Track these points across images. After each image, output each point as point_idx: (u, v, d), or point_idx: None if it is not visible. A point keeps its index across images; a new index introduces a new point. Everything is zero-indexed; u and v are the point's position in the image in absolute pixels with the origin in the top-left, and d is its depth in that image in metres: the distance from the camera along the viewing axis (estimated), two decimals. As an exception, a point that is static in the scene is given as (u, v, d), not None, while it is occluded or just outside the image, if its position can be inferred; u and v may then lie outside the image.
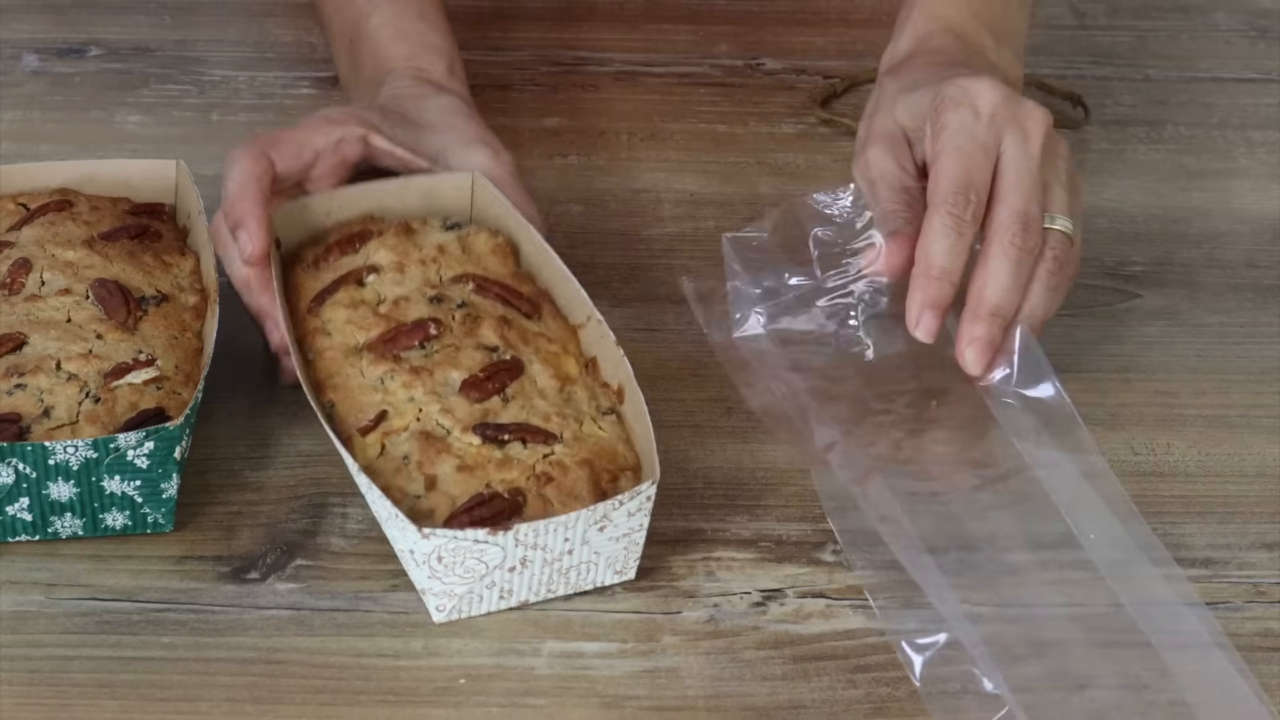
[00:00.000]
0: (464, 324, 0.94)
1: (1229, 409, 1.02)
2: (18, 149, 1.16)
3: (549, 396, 0.91)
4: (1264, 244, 1.14)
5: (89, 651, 0.86)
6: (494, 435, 0.89)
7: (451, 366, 0.91)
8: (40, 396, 0.90)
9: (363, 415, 0.90)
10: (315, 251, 1.00)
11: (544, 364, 0.92)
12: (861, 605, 0.89)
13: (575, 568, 0.87)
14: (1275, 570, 0.92)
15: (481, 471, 0.88)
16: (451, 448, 0.88)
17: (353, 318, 0.94)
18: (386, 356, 0.92)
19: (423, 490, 0.87)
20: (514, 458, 0.88)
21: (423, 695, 0.85)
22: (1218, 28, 1.34)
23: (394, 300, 0.95)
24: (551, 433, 0.89)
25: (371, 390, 0.91)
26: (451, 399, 0.90)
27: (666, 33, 1.31)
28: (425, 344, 0.93)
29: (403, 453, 0.89)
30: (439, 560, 0.85)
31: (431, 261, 0.97)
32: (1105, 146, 1.21)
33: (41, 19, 1.29)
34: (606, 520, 0.86)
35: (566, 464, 0.88)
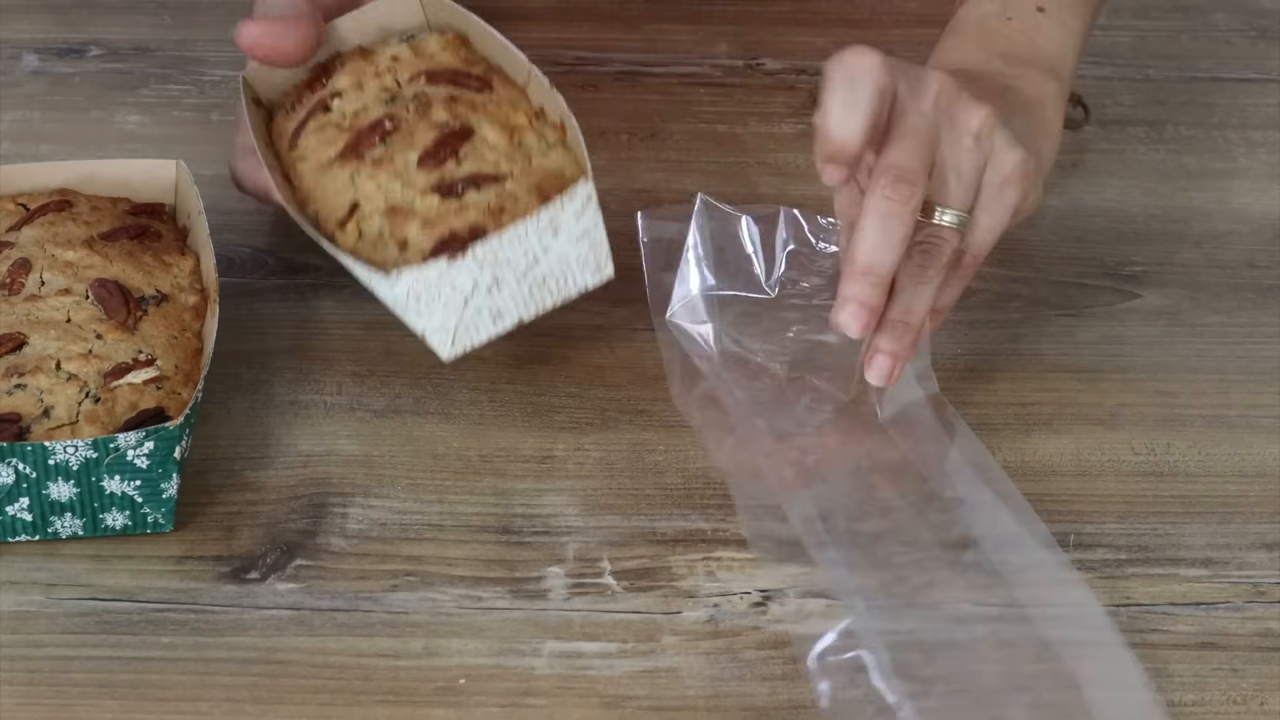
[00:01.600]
0: (417, 112, 0.98)
1: (1229, 409, 1.02)
2: (18, 149, 1.16)
3: (499, 149, 0.97)
4: (1264, 244, 1.14)
5: (89, 651, 0.86)
6: (449, 189, 0.94)
7: (408, 148, 0.96)
8: (40, 396, 0.90)
9: (338, 212, 0.96)
10: (290, 97, 1.04)
11: (492, 123, 0.98)
12: (861, 605, 0.89)
13: (550, 276, 0.93)
14: (1275, 570, 0.92)
15: (443, 221, 0.94)
16: (415, 211, 0.94)
17: (322, 139, 0.99)
18: (352, 158, 0.97)
19: (397, 255, 0.93)
20: (470, 203, 0.94)
21: (423, 695, 0.85)
22: (1218, 28, 1.34)
23: (354, 113, 1.00)
24: (501, 174, 0.95)
25: (344, 191, 0.96)
26: (412, 174, 0.96)
27: (666, 33, 1.31)
28: (385, 140, 0.97)
29: (376, 230, 0.95)
30: (418, 299, 0.91)
31: (387, 71, 1.02)
32: (1105, 146, 1.21)
33: (41, 19, 1.29)
34: (556, 224, 0.92)
35: (518, 193, 0.95)
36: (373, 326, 1.04)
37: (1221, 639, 0.89)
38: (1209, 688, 0.87)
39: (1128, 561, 0.93)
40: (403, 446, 0.97)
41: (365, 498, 0.94)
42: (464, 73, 1.01)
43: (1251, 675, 0.87)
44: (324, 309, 1.06)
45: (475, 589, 0.90)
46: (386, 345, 1.03)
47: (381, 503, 0.94)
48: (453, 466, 0.96)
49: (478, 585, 0.90)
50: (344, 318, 1.05)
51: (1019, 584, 0.89)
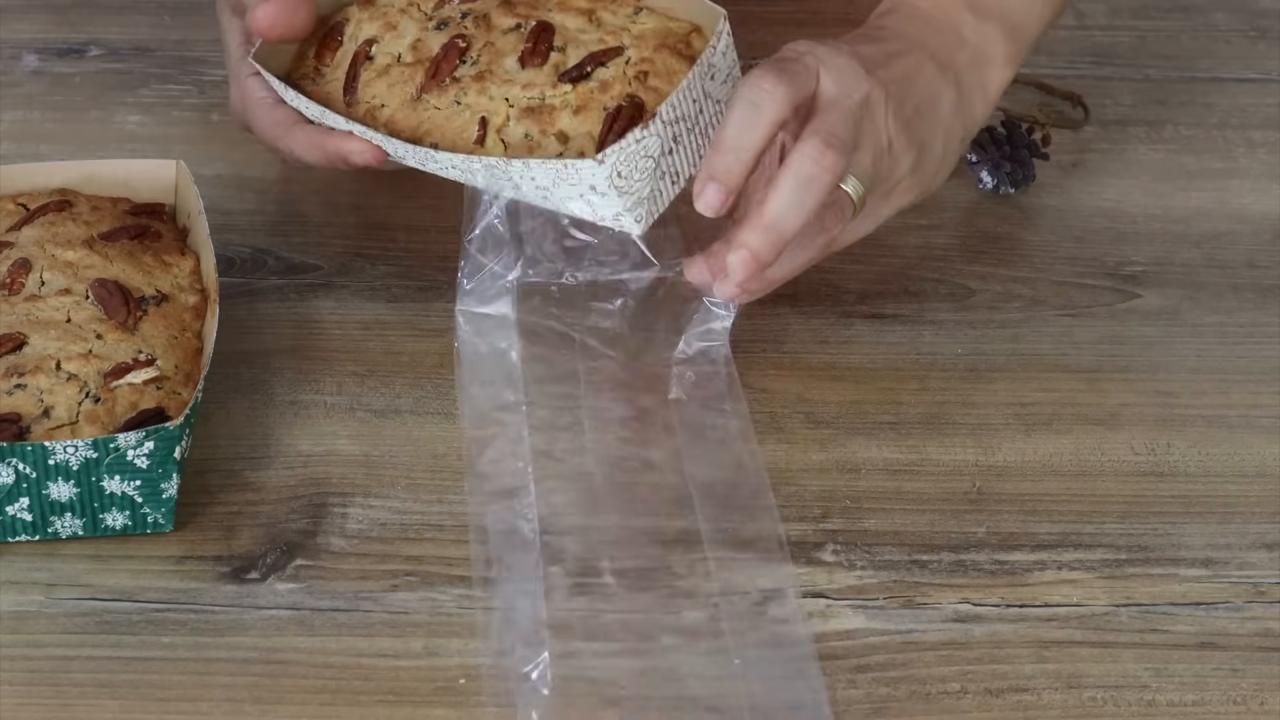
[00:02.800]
0: (479, 25, 0.98)
1: (1229, 409, 1.02)
2: (18, 149, 1.16)
3: (588, 31, 0.97)
4: (1264, 244, 1.14)
5: (89, 651, 0.86)
6: (578, 75, 0.95)
7: (501, 57, 0.96)
8: (40, 396, 0.90)
9: (467, 134, 0.95)
10: (306, 64, 1.02)
11: (563, 10, 0.98)
12: (861, 605, 0.89)
13: (710, 124, 0.95)
14: (1275, 570, 0.92)
15: (593, 103, 0.94)
16: (555, 104, 0.95)
17: (391, 79, 0.98)
18: (443, 83, 0.97)
19: (559, 147, 0.94)
20: (607, 79, 0.95)
21: (423, 695, 0.85)
22: (1218, 28, 1.34)
23: (410, 46, 0.99)
24: (615, 46, 0.96)
25: (457, 114, 0.96)
26: (522, 76, 0.96)
27: (666, 33, 1.31)
28: (464, 58, 0.97)
29: (521, 135, 0.95)
30: (619, 176, 0.91)
31: (410, 6, 1.01)
32: (1105, 146, 1.21)
33: (41, 19, 1.29)
34: (711, 66, 0.93)
35: (649, 56, 0.95)
36: (372, 326, 1.04)
37: (1221, 639, 0.89)
38: (1209, 688, 0.87)
39: (1128, 561, 0.93)
40: (403, 446, 0.97)
41: (365, 498, 0.94)
42: None
43: (1251, 675, 0.87)
44: (324, 309, 1.06)
45: (475, 589, 0.90)
46: (386, 345, 1.03)
47: (381, 503, 0.94)
48: (453, 466, 0.96)
49: (478, 585, 0.90)
50: (344, 318, 1.05)
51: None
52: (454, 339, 1.01)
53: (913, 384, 1.02)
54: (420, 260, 1.09)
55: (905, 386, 1.02)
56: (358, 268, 1.08)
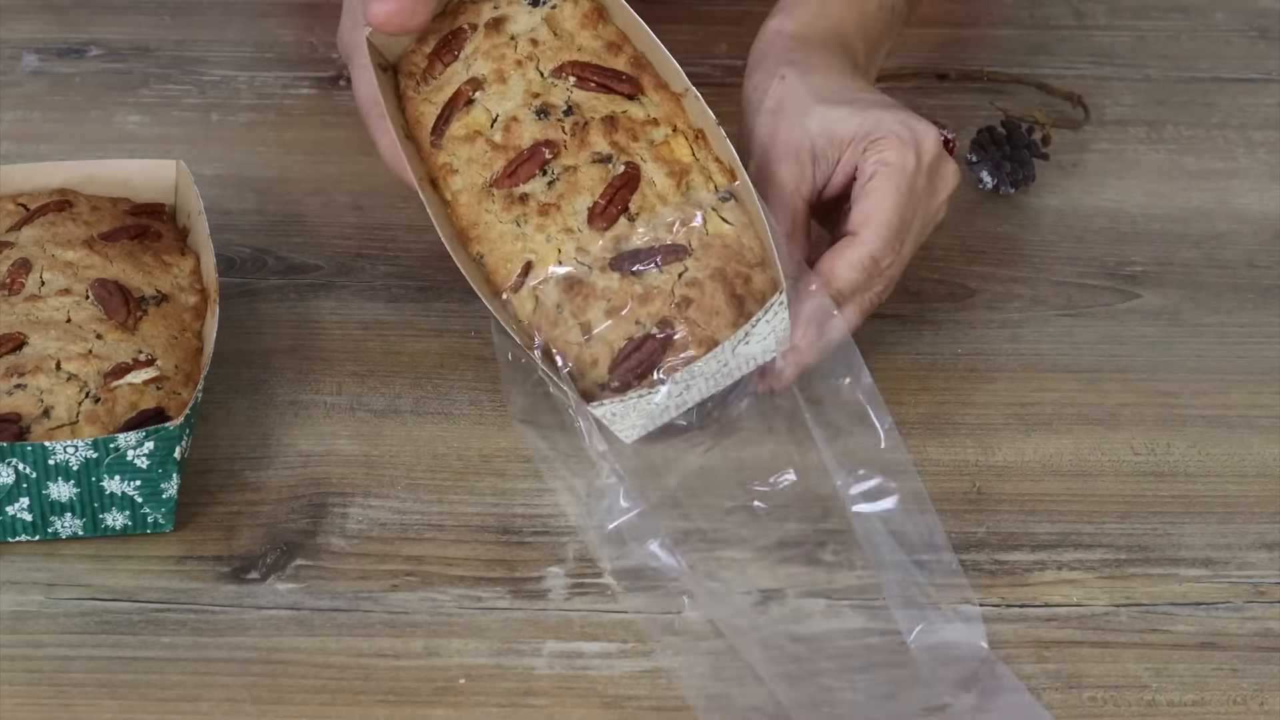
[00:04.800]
0: (575, 135, 0.96)
1: (1229, 409, 1.02)
2: (18, 149, 1.16)
3: (669, 198, 0.95)
4: (1264, 244, 1.14)
5: (89, 651, 0.86)
6: (629, 268, 0.94)
7: (574, 194, 0.95)
8: (40, 396, 0.90)
9: (510, 268, 0.95)
10: (418, 64, 1.01)
11: (657, 162, 0.96)
12: (861, 605, 0.89)
13: (736, 370, 0.94)
14: (1275, 570, 0.92)
15: (628, 312, 0.93)
16: (595, 289, 0.94)
17: (474, 155, 0.97)
18: (515, 198, 0.96)
19: (580, 338, 0.93)
20: (653, 287, 0.93)
21: (423, 695, 0.85)
22: (1218, 28, 1.34)
23: (505, 124, 0.97)
24: (681, 246, 0.94)
25: (512, 239, 0.95)
26: (583, 234, 0.95)
27: (667, 33, 1.30)
28: (545, 168, 0.96)
29: (554, 301, 0.94)
30: (614, 417, 0.93)
31: (528, 60, 0.99)
32: (1105, 146, 1.21)
33: (41, 19, 1.29)
34: (749, 336, 0.93)
35: (701, 280, 0.93)
36: (372, 326, 1.04)
37: (1221, 639, 0.89)
38: (1209, 688, 0.87)
39: (1128, 561, 0.93)
40: (403, 446, 0.97)
41: (365, 498, 0.94)
42: (613, 73, 0.98)
43: (1251, 675, 0.87)
44: (324, 309, 1.06)
45: (475, 589, 0.90)
46: (386, 345, 1.03)
47: (381, 503, 0.94)
48: (453, 466, 0.96)
49: (478, 585, 0.90)
50: (344, 318, 1.05)
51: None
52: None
53: (913, 384, 1.02)
54: (420, 260, 1.09)
55: (905, 386, 1.02)
56: (358, 268, 1.08)
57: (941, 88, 1.25)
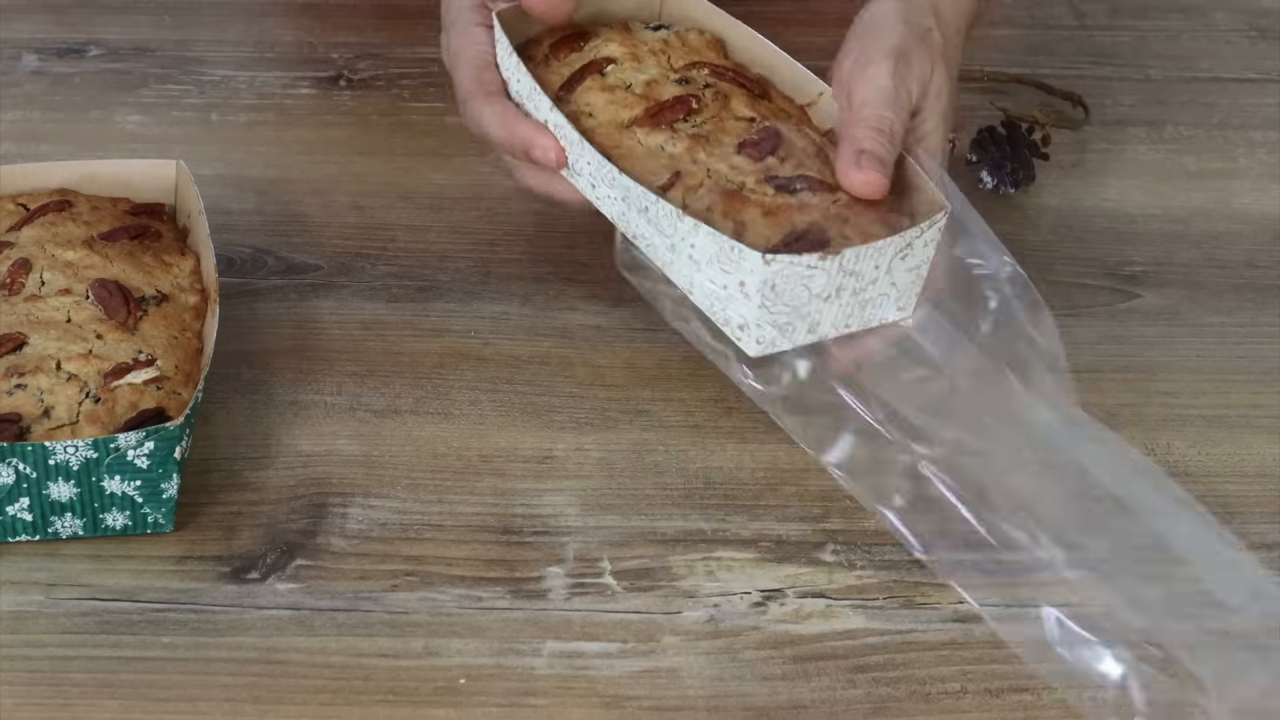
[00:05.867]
0: (716, 100, 0.98)
1: (1229, 409, 1.02)
2: (18, 149, 1.16)
3: (812, 156, 0.96)
4: (1264, 244, 1.14)
5: (89, 651, 0.86)
6: (786, 185, 0.94)
7: (722, 133, 0.96)
8: (40, 396, 0.90)
9: (655, 178, 0.94)
10: (541, 50, 1.02)
11: (795, 131, 0.97)
12: (861, 605, 0.90)
13: (873, 300, 0.92)
14: (1276, 570, 0.92)
15: (784, 215, 0.92)
16: (750, 198, 0.93)
17: (613, 99, 0.98)
18: (661, 126, 0.96)
19: (733, 236, 0.91)
20: (808, 203, 0.93)
21: (423, 695, 0.85)
22: (1218, 28, 1.34)
23: (645, 82, 0.99)
24: (831, 183, 0.94)
25: (656, 156, 0.95)
26: (734, 159, 0.95)
27: (666, 33, 1.31)
28: (689, 117, 0.97)
29: (705, 205, 0.93)
30: (772, 289, 0.89)
31: (660, 53, 1.01)
32: (1105, 146, 1.21)
33: (41, 19, 1.29)
34: (909, 249, 0.91)
35: (855, 205, 0.93)
36: (372, 326, 1.04)
37: (1221, 639, 0.89)
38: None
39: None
40: (403, 446, 0.97)
41: (365, 498, 0.94)
42: (745, 74, 1.01)
43: (1251, 675, 0.87)
44: (324, 309, 1.06)
45: (475, 589, 0.90)
46: (386, 345, 1.03)
47: (381, 503, 0.94)
48: (453, 466, 0.96)
49: (478, 585, 0.90)
50: (344, 318, 1.05)
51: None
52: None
53: (913, 384, 1.02)
54: (420, 260, 1.09)
55: (905, 386, 1.02)
56: (358, 268, 1.08)
57: (941, 88, 1.25)
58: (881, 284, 0.91)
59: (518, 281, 1.08)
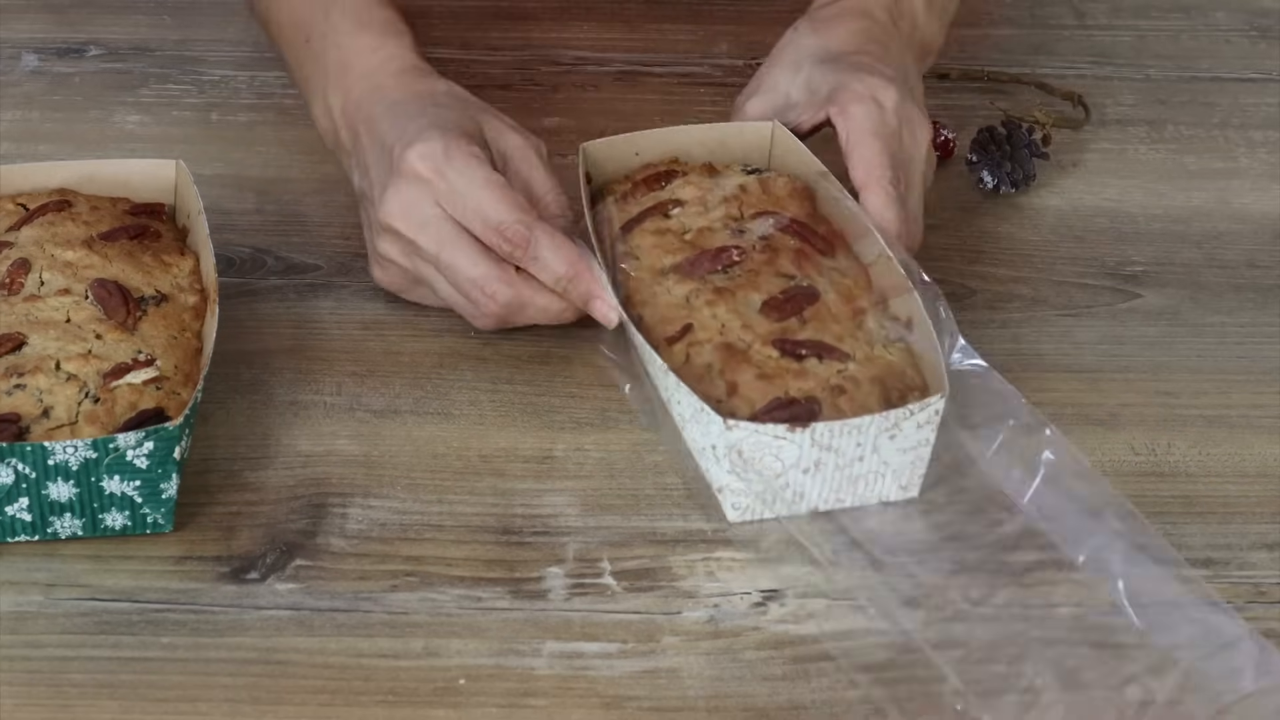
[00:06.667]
0: (763, 253, 0.98)
1: (1229, 409, 1.01)
2: (17, 149, 1.16)
3: (842, 322, 0.95)
4: (1264, 244, 1.14)
5: (89, 651, 0.86)
6: (791, 349, 0.93)
7: (752, 289, 0.96)
8: (40, 397, 0.90)
9: (669, 327, 0.96)
10: (623, 187, 1.05)
11: (838, 294, 0.97)
12: (861, 605, 0.89)
13: (864, 477, 0.91)
14: (1276, 570, 0.92)
15: (779, 380, 0.92)
16: (751, 358, 0.93)
17: (659, 243, 0.99)
18: (692, 277, 0.97)
19: (724, 395, 0.92)
20: (810, 370, 0.93)
21: (423, 695, 0.85)
22: (1218, 28, 1.34)
23: (698, 229, 1.00)
24: (845, 352, 0.93)
25: (678, 307, 0.96)
26: (752, 317, 0.95)
27: (666, 33, 1.31)
28: (727, 269, 0.97)
29: (706, 361, 0.93)
30: (739, 455, 0.89)
31: (733, 199, 1.02)
32: (1105, 146, 1.21)
33: (41, 19, 1.29)
34: (897, 429, 0.90)
35: (859, 379, 0.92)
36: (372, 326, 1.04)
37: (1222, 639, 0.89)
38: (1209, 688, 0.87)
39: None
40: (403, 446, 0.97)
41: (365, 498, 0.94)
42: (811, 230, 1.00)
43: (1252, 675, 0.87)
44: (324, 309, 1.06)
45: (475, 589, 0.90)
46: (386, 345, 1.03)
47: (381, 503, 0.94)
48: (453, 466, 0.96)
49: (478, 585, 0.90)
50: (344, 318, 1.05)
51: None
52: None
53: (913, 384, 1.02)
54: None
55: (905, 386, 1.02)
56: (358, 268, 1.08)
57: (941, 87, 1.25)
58: (870, 462, 0.91)
59: (518, 281, 1.08)
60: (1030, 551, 0.90)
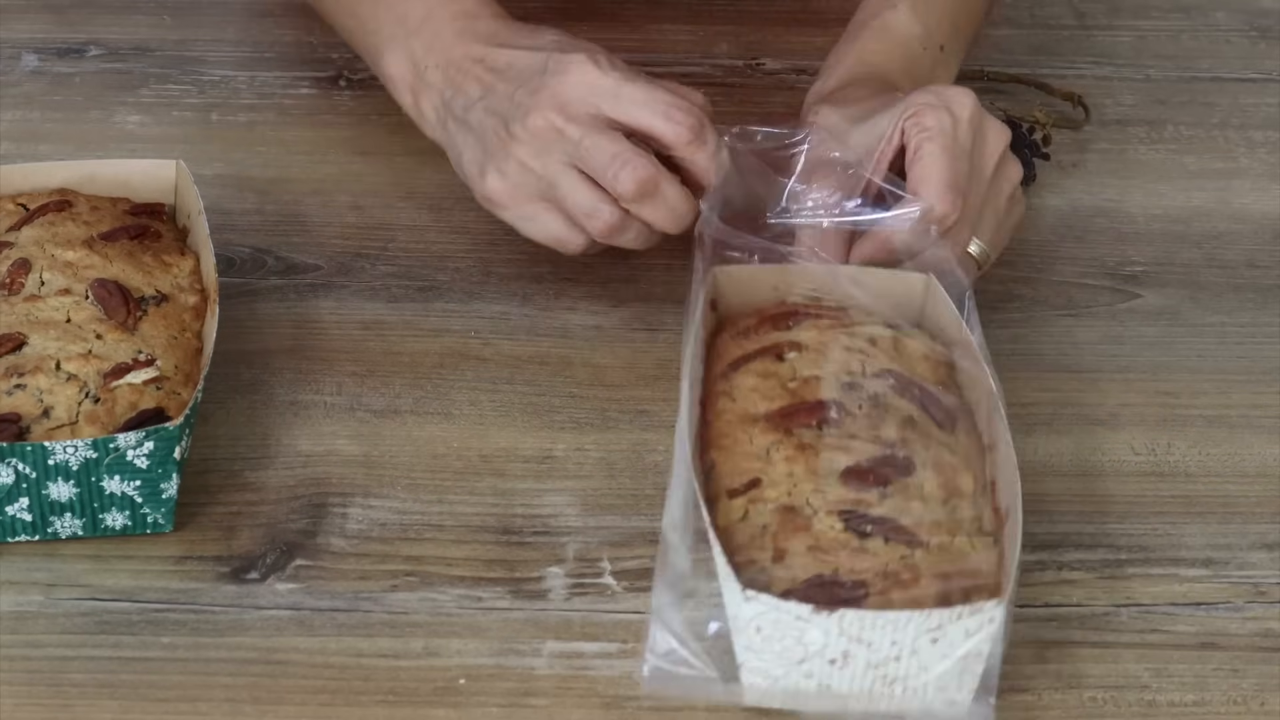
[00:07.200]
0: (868, 416, 0.88)
1: (1229, 409, 1.01)
2: (17, 149, 1.16)
3: (929, 503, 0.85)
4: (1264, 244, 1.14)
5: (89, 651, 0.86)
6: (857, 525, 0.84)
7: (841, 452, 0.87)
8: (40, 397, 0.90)
9: (739, 478, 0.87)
10: (747, 321, 0.96)
11: (936, 472, 0.86)
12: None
13: (902, 680, 0.81)
14: (1275, 570, 0.92)
15: (832, 556, 0.83)
16: (811, 527, 0.84)
17: (759, 386, 0.91)
18: (778, 428, 0.88)
19: (769, 562, 0.83)
20: (869, 550, 0.83)
21: (423, 695, 0.85)
22: (1218, 28, 1.34)
23: (805, 379, 0.91)
24: (917, 537, 0.83)
25: (754, 458, 0.87)
26: (828, 481, 0.85)
27: (666, 33, 1.31)
28: (822, 426, 0.88)
29: (763, 521, 0.85)
30: (757, 631, 0.80)
31: (858, 351, 0.92)
32: (1105, 146, 1.21)
33: (41, 19, 1.29)
34: (940, 631, 0.80)
35: (921, 569, 0.82)
36: (372, 326, 1.04)
37: (1222, 639, 0.89)
38: (1209, 688, 0.87)
39: (1128, 561, 0.93)
40: (403, 446, 0.97)
41: (365, 498, 0.94)
42: (933, 398, 0.90)
43: (1252, 675, 0.87)
44: (324, 309, 1.06)
45: (475, 589, 0.90)
46: (386, 345, 1.03)
47: (381, 503, 0.94)
48: (453, 466, 0.96)
49: (478, 585, 0.90)
50: (344, 318, 1.05)
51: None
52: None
53: (913, 384, 1.02)
54: (420, 260, 1.09)
55: (905, 386, 1.02)
56: (357, 268, 1.08)
57: (942, 88, 1.25)
58: (908, 664, 0.80)
59: (518, 281, 1.08)
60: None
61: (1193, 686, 0.87)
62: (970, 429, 0.90)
